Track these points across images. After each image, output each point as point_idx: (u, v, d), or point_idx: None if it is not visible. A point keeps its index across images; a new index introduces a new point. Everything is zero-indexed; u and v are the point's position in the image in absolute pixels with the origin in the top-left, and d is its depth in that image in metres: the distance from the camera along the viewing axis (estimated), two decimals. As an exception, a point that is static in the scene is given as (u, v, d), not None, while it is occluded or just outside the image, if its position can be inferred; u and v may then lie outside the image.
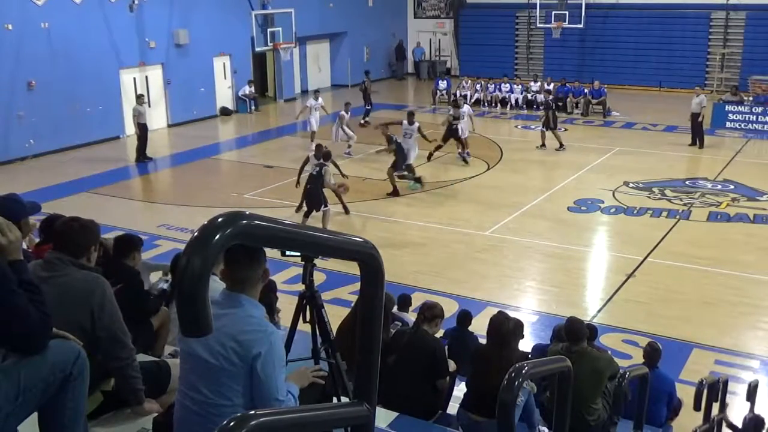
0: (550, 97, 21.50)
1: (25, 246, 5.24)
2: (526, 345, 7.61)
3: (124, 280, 5.23)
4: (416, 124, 16.92)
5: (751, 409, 7.10)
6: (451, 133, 18.49)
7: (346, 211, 14.68)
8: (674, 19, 28.54)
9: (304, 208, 13.68)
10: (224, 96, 25.90)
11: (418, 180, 16.45)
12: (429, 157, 18.33)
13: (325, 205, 13.46)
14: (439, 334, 7.34)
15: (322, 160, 13.63)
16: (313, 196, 13.39)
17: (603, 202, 15.54)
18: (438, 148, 18.52)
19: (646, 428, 6.33)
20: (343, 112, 19.91)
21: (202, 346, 3.17)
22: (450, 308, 9.52)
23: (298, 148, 17.89)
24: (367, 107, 24.23)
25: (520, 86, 26.93)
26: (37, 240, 6.29)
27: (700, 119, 20.15)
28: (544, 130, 20.21)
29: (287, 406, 3.21)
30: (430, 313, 6.24)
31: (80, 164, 19.09)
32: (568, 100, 25.47)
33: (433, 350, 6.06)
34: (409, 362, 5.93)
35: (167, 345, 5.75)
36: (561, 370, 3.92)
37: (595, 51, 29.66)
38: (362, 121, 23.48)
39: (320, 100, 20.63)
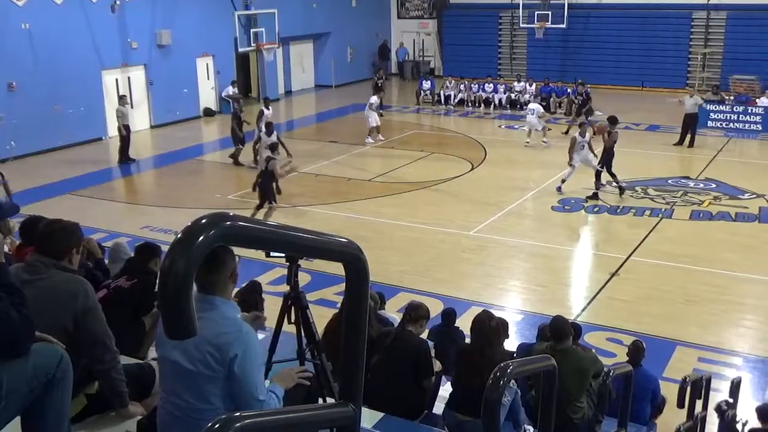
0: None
1: (6, 249, 5.20)
2: (511, 344, 7.63)
3: (140, 278, 5.57)
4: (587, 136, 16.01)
5: (734, 405, 7.16)
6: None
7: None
8: (656, 19, 28.73)
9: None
10: (207, 97, 25.80)
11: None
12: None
13: (272, 201, 13.75)
14: (424, 334, 7.35)
15: (272, 154, 14.00)
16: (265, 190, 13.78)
17: (586, 202, 15.61)
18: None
19: (631, 426, 6.37)
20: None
21: (179, 352, 3.13)
22: (435, 308, 9.51)
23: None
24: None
25: (503, 86, 27.01)
26: (18, 242, 6.25)
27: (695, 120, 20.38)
28: None
29: (270, 406, 3.20)
30: (416, 313, 6.24)
31: (62, 166, 18.94)
32: (552, 99, 25.57)
33: (418, 350, 6.06)
34: (394, 363, 5.92)
35: (152, 347, 5.73)
36: (546, 368, 3.93)
37: (578, 51, 29.78)
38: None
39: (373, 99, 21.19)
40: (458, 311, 8.43)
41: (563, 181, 16.18)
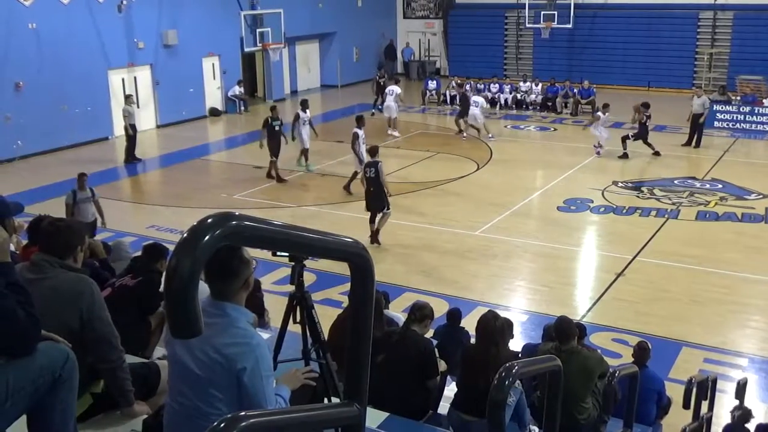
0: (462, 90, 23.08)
1: (13, 248, 5.21)
2: (516, 344, 7.63)
3: (145, 276, 5.57)
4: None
5: (740, 406, 7.14)
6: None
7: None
8: (662, 19, 28.66)
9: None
10: (213, 96, 25.83)
11: None
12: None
13: (388, 208, 13.00)
14: (429, 334, 7.35)
15: (373, 158, 13.10)
16: (376, 198, 12.95)
17: (592, 202, 15.59)
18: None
19: (636, 427, 6.36)
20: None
21: (186, 354, 3.12)
22: (440, 308, 9.52)
23: (288, 148, 17.85)
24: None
25: (509, 86, 26.98)
26: (24, 242, 6.26)
27: (702, 120, 20.31)
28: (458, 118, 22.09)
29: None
30: (420, 313, 6.24)
31: (68, 165, 18.96)
32: (558, 100, 25.53)
33: (423, 350, 6.05)
34: (398, 363, 5.92)
35: (157, 347, 5.73)
36: (551, 369, 3.93)
37: (584, 51, 29.73)
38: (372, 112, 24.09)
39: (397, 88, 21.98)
40: (463, 311, 8.43)
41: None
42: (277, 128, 17.24)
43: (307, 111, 18.11)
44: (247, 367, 3.05)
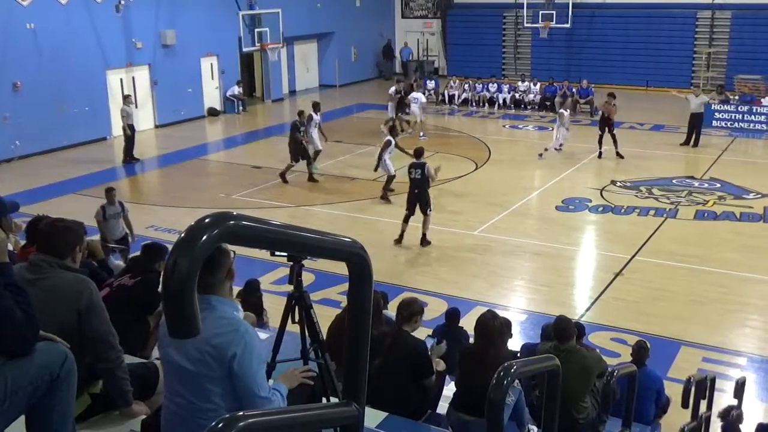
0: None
1: (11, 248, 5.21)
2: (515, 344, 7.63)
3: (144, 276, 5.59)
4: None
5: (738, 406, 7.15)
6: None
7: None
8: (660, 18, 28.69)
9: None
10: (212, 96, 25.81)
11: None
12: None
13: (430, 209, 13.00)
14: (428, 332, 7.34)
15: (419, 160, 13.06)
16: (420, 199, 12.95)
17: (591, 201, 15.59)
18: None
19: (635, 426, 6.36)
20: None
21: (179, 353, 3.14)
22: (439, 308, 9.54)
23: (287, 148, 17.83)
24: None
25: (507, 86, 26.99)
26: (23, 242, 6.26)
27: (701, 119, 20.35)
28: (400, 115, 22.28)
29: (274, 405, 3.19)
30: (408, 311, 6.10)
31: (67, 166, 18.98)
32: (556, 99, 25.52)
33: (415, 351, 6.00)
34: (393, 365, 5.89)
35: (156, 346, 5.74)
36: (550, 368, 3.93)
37: (583, 50, 29.75)
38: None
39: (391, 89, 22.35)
40: (462, 311, 8.43)
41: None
42: (302, 132, 17.06)
43: (318, 113, 17.98)
44: (237, 353, 3.08)
